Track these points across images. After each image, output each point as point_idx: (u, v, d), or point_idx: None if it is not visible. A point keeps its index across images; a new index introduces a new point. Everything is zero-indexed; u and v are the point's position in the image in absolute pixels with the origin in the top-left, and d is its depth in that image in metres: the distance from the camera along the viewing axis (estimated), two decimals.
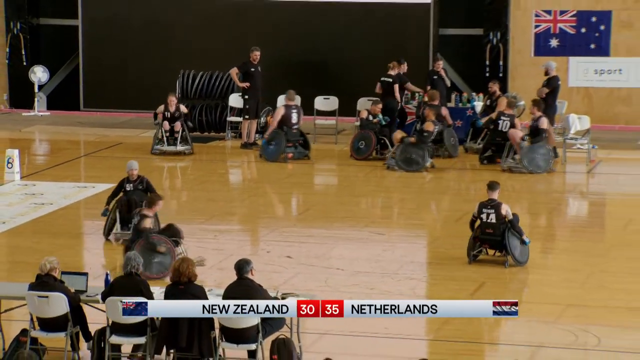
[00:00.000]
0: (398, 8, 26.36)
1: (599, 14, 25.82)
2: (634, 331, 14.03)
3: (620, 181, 22.34)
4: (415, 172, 22.14)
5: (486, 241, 16.62)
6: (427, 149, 22.34)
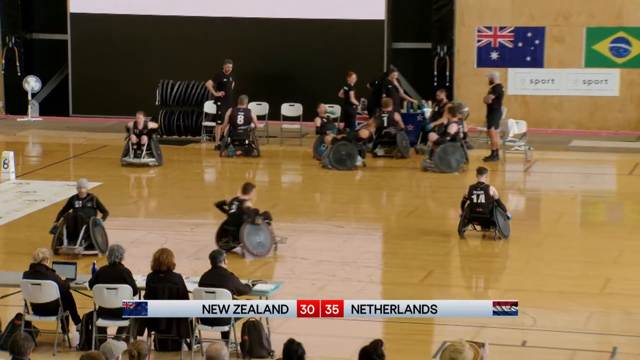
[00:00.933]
0: (355, 24, 26.37)
1: (534, 30, 25.94)
2: (565, 313, 14.14)
3: (553, 179, 22.45)
4: (347, 170, 22.11)
5: (476, 219, 17.14)
6: (358, 150, 22.35)
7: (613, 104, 25.83)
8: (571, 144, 24.81)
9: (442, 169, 21.84)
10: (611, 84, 25.75)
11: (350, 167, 22.22)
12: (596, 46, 25.72)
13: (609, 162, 23.66)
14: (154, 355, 11.48)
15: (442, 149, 21.97)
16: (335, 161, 22.24)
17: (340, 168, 22.17)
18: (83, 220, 16.06)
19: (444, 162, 21.94)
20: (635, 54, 25.56)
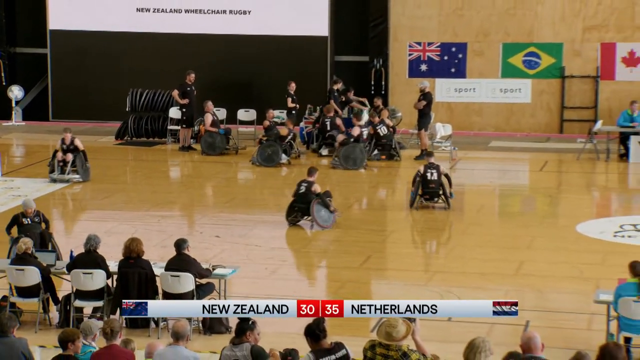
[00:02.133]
0: (303, 40, 26.39)
1: (458, 45, 26.09)
2: (484, 291, 14.23)
3: (475, 175, 22.60)
4: (273, 167, 22.12)
5: (428, 193, 18.25)
6: (282, 149, 22.35)
7: (526, 110, 26.05)
8: (490, 144, 24.99)
9: (345, 166, 21.89)
10: (524, 92, 25.96)
11: (274, 164, 22.17)
12: (511, 59, 25.90)
13: (522, 160, 23.86)
14: (125, 332, 11.41)
15: (345, 149, 22.04)
16: (263, 160, 22.22)
17: (268, 165, 22.12)
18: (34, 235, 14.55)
19: (348, 161, 21.98)
20: (545, 66, 25.79)
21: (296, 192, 17.49)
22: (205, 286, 12.79)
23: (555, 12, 25.58)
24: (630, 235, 16.74)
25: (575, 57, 25.64)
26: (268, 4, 26.46)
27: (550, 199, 20.15)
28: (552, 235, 17.11)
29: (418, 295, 13.92)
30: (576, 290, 14.02)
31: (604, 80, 25.56)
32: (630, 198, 20.57)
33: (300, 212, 17.48)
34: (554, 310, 13.40)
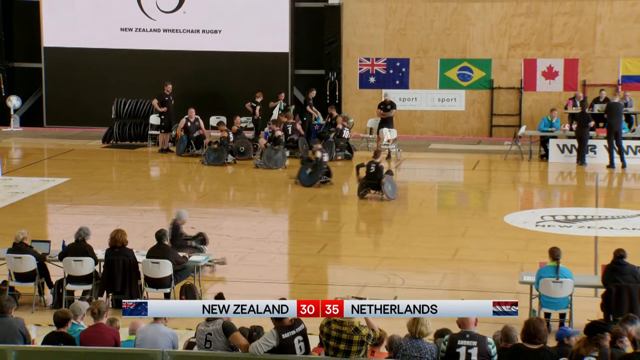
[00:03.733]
0: (266, 55, 26.32)
1: (401, 60, 26.16)
2: (425, 274, 14.28)
3: (417, 173, 22.69)
4: (220, 166, 22.05)
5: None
6: (227, 150, 22.33)
7: (460, 117, 26.18)
8: (430, 147, 25.08)
9: (268, 166, 21.82)
10: (459, 101, 26.08)
11: (221, 163, 22.06)
12: (447, 73, 26.01)
13: (457, 160, 23.98)
14: (111, 312, 11.31)
15: (268, 151, 22.04)
16: (212, 160, 22.08)
17: (215, 164, 21.98)
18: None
19: (271, 161, 21.93)
20: (476, 79, 25.92)
21: (367, 171, 18.72)
22: (181, 271, 12.73)
23: (484, 33, 25.73)
24: (550, 225, 16.86)
25: (502, 71, 25.80)
26: (236, 24, 26.37)
27: (482, 193, 20.26)
28: (483, 225, 17.19)
29: (367, 278, 13.94)
30: (504, 273, 14.08)
31: (526, 91, 25.75)
32: (550, 193, 20.75)
33: (371, 187, 18.77)
34: (485, 290, 13.47)
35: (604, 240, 15.61)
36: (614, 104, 22.05)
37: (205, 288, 12.91)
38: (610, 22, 25.12)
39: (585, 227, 16.72)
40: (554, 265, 11.64)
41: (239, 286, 13.52)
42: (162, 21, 26.67)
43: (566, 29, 25.34)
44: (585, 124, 22.06)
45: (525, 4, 25.53)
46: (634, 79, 25.15)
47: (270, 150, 22.09)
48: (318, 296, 13.31)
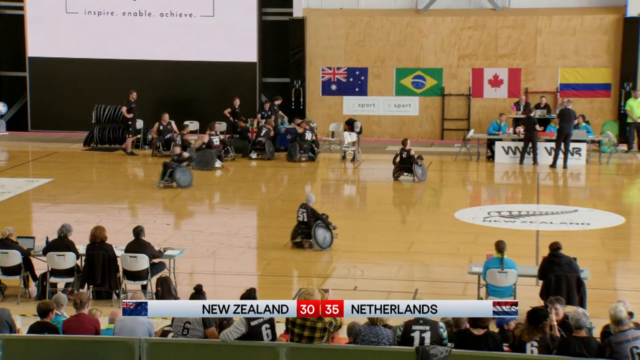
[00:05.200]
0: (236, 65, 26.24)
1: (360, 69, 26.21)
2: (383, 266, 14.33)
3: (375, 173, 22.75)
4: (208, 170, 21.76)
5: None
6: (217, 155, 22.15)
7: (414, 121, 26.28)
8: (387, 149, 25.13)
9: (200, 167, 21.67)
10: (413, 107, 26.18)
11: (210, 168, 21.85)
12: (402, 81, 26.11)
13: None
14: (92, 303, 11.24)
15: (199, 154, 21.94)
16: (198, 164, 21.92)
17: (204, 169, 21.79)
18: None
19: (201, 163, 21.80)
20: (429, 86, 26.05)
21: (400, 157, 19.95)
22: (157, 265, 12.66)
23: (436, 44, 25.87)
24: (496, 220, 16.98)
25: (452, 79, 25.95)
26: (207, 35, 26.27)
27: (434, 191, 20.35)
28: (435, 220, 17.28)
29: (329, 269, 13.94)
30: (454, 264, 14.16)
31: (474, 98, 25.92)
32: (495, 191, 20.90)
33: (404, 170, 20.07)
34: (437, 280, 13.54)
35: (544, 234, 15.75)
36: (567, 110, 22.27)
37: (179, 280, 12.85)
38: (549, 35, 25.37)
39: (527, 222, 16.87)
40: (499, 257, 11.75)
41: (211, 278, 13.48)
42: (139, 32, 26.50)
43: (510, 41, 25.55)
44: (533, 127, 22.31)
45: (472, 18, 25.71)
46: (570, 87, 25.44)
47: (202, 152, 22.05)
48: (284, 287, 13.34)
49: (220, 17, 26.23)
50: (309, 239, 14.80)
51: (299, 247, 14.93)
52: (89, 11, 26.66)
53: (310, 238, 14.79)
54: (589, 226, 16.55)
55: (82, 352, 8.59)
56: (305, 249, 14.84)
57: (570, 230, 16.13)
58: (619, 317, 8.47)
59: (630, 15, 24.80)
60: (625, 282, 13.62)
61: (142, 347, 8.53)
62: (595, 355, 8.29)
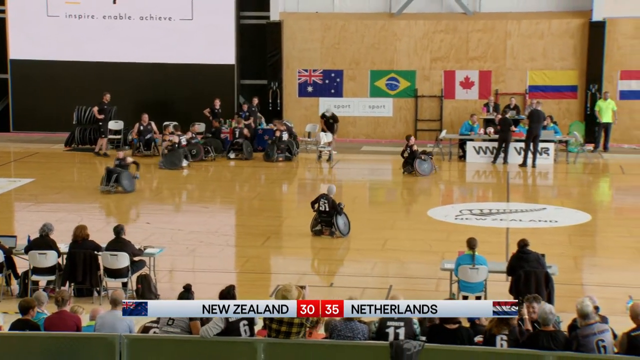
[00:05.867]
0: (215, 67, 26.16)
1: (336, 72, 26.22)
2: (358, 263, 14.34)
3: (351, 172, 22.76)
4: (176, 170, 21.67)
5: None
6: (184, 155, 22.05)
7: (389, 122, 26.34)
8: (362, 149, 25.20)
9: (169, 167, 21.65)
10: (387, 108, 26.24)
11: (177, 168, 21.76)
12: (377, 83, 26.16)
13: (386, 161, 24.11)
14: (74, 300, 11.16)
15: (167, 155, 21.93)
16: (166, 164, 21.89)
17: (171, 168, 21.72)
18: None
19: (168, 163, 21.78)
20: (402, 88, 26.11)
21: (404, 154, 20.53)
22: (138, 263, 12.60)
23: (409, 47, 25.94)
24: (467, 218, 17.06)
25: (425, 81, 26.03)
26: (187, 39, 26.18)
27: (408, 190, 20.42)
28: (409, 218, 17.34)
29: (306, 267, 13.95)
30: (427, 261, 14.18)
31: (446, 99, 26.02)
32: (467, 189, 20.99)
33: (409, 165, 20.62)
34: (411, 276, 13.57)
35: (514, 231, 15.84)
36: (536, 111, 22.41)
37: (159, 278, 12.80)
38: (518, 38, 25.53)
39: (498, 219, 16.96)
40: (470, 254, 11.80)
41: (191, 275, 13.43)
42: (119, 35, 26.36)
43: (480, 44, 25.68)
44: (508, 128, 22.45)
45: (444, 21, 25.81)
46: (539, 89, 25.61)
47: (170, 153, 22.02)
48: (262, 283, 13.32)
49: (199, 21, 26.15)
50: (329, 227, 15.48)
51: (319, 234, 15.57)
52: (70, 14, 26.49)
53: (330, 226, 15.47)
54: (557, 224, 16.66)
55: (63, 349, 8.54)
56: (324, 236, 15.50)
57: (538, 228, 16.24)
58: (586, 312, 8.53)
59: (596, 20, 25.00)
60: (591, 277, 13.73)
61: (122, 343, 8.49)
62: (562, 348, 8.35)
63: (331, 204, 15.51)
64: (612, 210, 18.45)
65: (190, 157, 22.49)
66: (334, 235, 15.42)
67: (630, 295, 11.76)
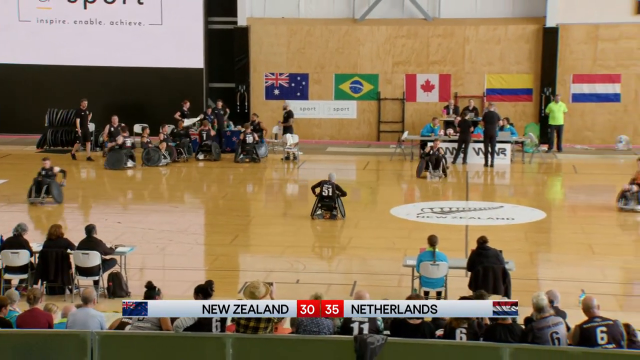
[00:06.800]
0: (184, 70, 26.07)
1: (302, 75, 26.23)
2: (324, 260, 14.38)
3: (316, 172, 22.70)
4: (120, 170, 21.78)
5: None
6: (129, 156, 22.03)
7: (352, 124, 26.40)
8: (327, 150, 25.23)
9: (112, 167, 21.66)
10: (351, 110, 26.30)
11: (120, 166, 21.65)
12: (341, 86, 26.20)
13: (350, 161, 24.18)
14: (45, 298, 11.02)
15: (110, 155, 21.90)
16: (108, 163, 21.78)
17: (113, 168, 21.61)
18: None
19: (111, 163, 21.78)
20: (366, 91, 26.19)
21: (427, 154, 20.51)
22: (109, 261, 12.50)
23: (372, 51, 26.03)
24: (428, 216, 17.15)
25: (387, 84, 26.14)
26: (157, 43, 26.03)
27: (371, 190, 20.48)
28: (372, 217, 17.38)
29: (273, 264, 13.93)
30: (390, 258, 14.23)
31: (408, 102, 26.15)
32: (428, 189, 21.10)
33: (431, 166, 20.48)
34: (374, 272, 13.62)
35: (473, 228, 15.95)
36: (490, 113, 22.60)
37: (130, 275, 12.70)
38: (476, 43, 25.73)
39: (457, 217, 17.07)
40: (431, 251, 11.87)
41: (161, 273, 13.35)
42: (90, 40, 26.13)
43: (440, 48, 25.84)
44: (467, 130, 22.63)
45: (405, 27, 25.94)
46: (496, 92, 25.84)
47: (112, 153, 21.93)
48: (231, 281, 13.28)
49: (168, 26, 26.02)
50: (330, 210, 16.47)
51: (320, 218, 16.52)
52: (41, 19, 26.22)
53: (330, 210, 16.46)
54: (514, 221, 16.82)
55: (35, 346, 8.45)
56: (325, 220, 16.42)
57: (496, 225, 16.38)
58: (541, 305, 8.63)
59: (550, 26, 25.29)
60: (546, 272, 13.89)
61: (94, 339, 8.42)
62: (518, 341, 8.43)
63: (334, 188, 16.37)
64: (565, 208, 18.67)
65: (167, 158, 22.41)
66: (335, 217, 16.38)
67: (582, 289, 11.91)
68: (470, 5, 25.91)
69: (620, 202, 17.19)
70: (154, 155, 22.13)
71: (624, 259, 14.43)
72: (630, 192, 17.08)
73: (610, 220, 16.92)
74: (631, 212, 16.78)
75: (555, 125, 24.42)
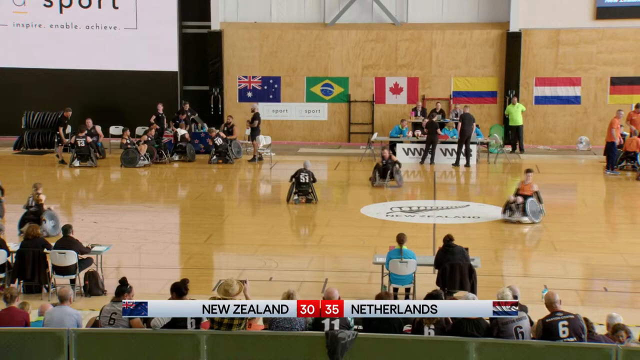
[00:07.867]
0: (159, 73, 25.95)
1: (274, 78, 26.21)
2: (296, 258, 14.35)
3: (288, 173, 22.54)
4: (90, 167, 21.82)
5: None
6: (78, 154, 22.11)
7: (324, 125, 26.43)
8: (299, 150, 25.22)
9: (126, 165, 21.68)
10: (322, 112, 26.32)
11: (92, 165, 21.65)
12: (313, 89, 26.22)
13: (322, 162, 24.17)
14: (22, 297, 10.92)
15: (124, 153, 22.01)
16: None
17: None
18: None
19: (127, 161, 21.78)
20: (336, 93, 26.22)
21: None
22: (85, 260, 12.40)
23: (342, 55, 26.07)
24: (397, 215, 17.21)
25: (357, 87, 26.19)
26: (132, 47, 25.88)
27: (342, 189, 20.50)
28: (343, 216, 17.39)
29: (247, 263, 13.90)
30: (360, 255, 14.27)
31: (377, 104, 26.23)
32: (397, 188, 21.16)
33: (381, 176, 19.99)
34: (345, 270, 13.63)
35: (440, 227, 16.04)
36: (467, 115, 22.73)
37: (106, 274, 12.60)
38: (443, 47, 25.88)
39: (425, 216, 17.15)
40: (399, 249, 11.91)
41: (137, 272, 13.26)
42: (66, 43, 25.90)
43: (408, 52, 25.95)
44: (434, 131, 22.73)
45: (375, 31, 26.01)
46: (462, 94, 26.00)
47: (126, 153, 21.89)
48: (205, 279, 13.23)
49: (143, 30, 25.88)
50: (305, 195, 17.44)
51: (297, 203, 17.55)
52: (18, 23, 25.94)
53: (306, 194, 17.44)
54: (479, 219, 16.93)
55: (12, 344, 8.36)
56: (301, 204, 17.40)
57: (462, 223, 16.47)
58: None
59: (513, 30, 25.51)
60: (510, 269, 14.00)
61: (70, 337, 8.35)
62: (484, 335, 8.50)
63: (311, 176, 17.47)
64: None
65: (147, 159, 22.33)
66: (311, 202, 17.40)
67: (545, 285, 12.03)
68: (437, 10, 26.05)
69: (506, 214, 16.38)
70: (133, 156, 22.00)
71: (585, 255, 14.58)
72: (515, 204, 16.34)
73: (572, 218, 17.08)
74: (517, 223, 16.46)
75: (515, 126, 24.62)
